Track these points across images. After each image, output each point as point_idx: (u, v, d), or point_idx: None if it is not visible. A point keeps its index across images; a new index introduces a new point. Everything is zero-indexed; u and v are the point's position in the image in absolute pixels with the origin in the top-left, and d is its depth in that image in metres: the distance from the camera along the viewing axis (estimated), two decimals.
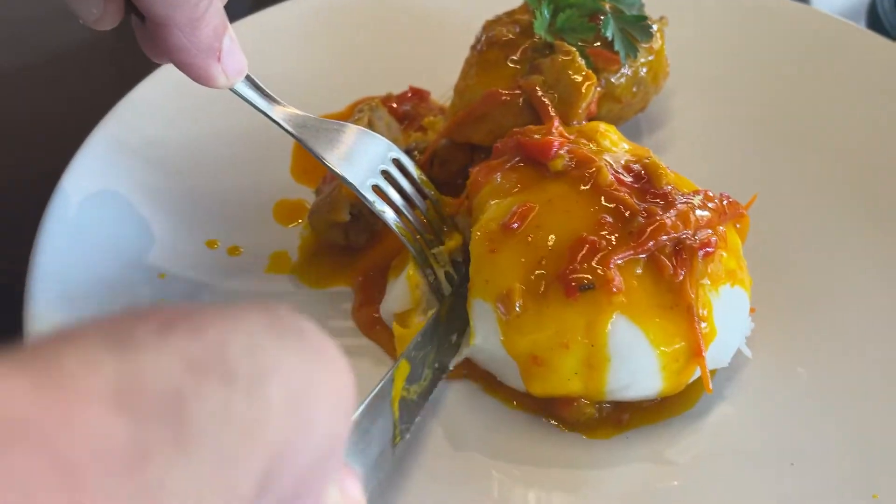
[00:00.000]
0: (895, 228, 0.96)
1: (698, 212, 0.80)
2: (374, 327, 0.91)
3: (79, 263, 0.91)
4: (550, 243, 0.77)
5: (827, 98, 1.11)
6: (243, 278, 0.96)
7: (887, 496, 0.74)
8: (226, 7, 0.77)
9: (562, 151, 0.82)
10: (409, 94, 1.17)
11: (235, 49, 0.76)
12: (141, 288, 0.92)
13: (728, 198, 0.84)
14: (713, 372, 0.82)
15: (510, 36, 1.01)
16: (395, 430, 0.72)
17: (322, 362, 0.37)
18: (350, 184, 0.86)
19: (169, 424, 0.30)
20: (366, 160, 0.87)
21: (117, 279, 0.91)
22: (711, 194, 0.83)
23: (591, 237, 0.76)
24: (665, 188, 0.81)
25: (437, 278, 0.90)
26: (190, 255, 0.96)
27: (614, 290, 0.74)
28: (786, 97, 1.12)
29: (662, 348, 0.75)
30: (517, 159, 0.86)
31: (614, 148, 0.87)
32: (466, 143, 1.00)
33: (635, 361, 0.76)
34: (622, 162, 0.85)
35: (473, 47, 1.05)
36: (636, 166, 0.85)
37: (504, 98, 0.96)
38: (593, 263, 0.74)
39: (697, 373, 0.79)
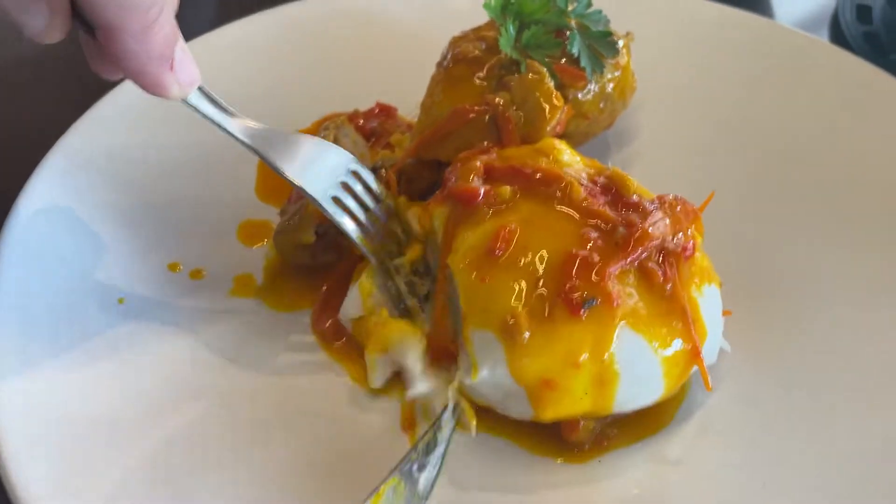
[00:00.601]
0: (852, 229, 1.00)
1: (671, 216, 0.81)
2: (331, 337, 0.90)
3: (36, 289, 0.88)
4: (542, 263, 0.76)
5: (791, 110, 1.14)
6: (206, 302, 0.92)
7: None
8: (190, 22, 0.76)
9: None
10: (377, 111, 1.15)
11: (188, 59, 0.75)
12: (100, 314, 0.88)
13: (685, 200, 0.85)
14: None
15: (476, 52, 1.00)
16: None
17: None
18: (310, 195, 0.85)
19: None
20: (325, 172, 0.87)
21: (75, 305, 0.88)
22: (671, 198, 0.84)
23: (581, 252, 0.76)
24: (633, 197, 0.82)
25: (398, 289, 0.89)
26: (151, 278, 0.93)
27: (616, 302, 0.74)
28: (751, 110, 1.15)
29: (665, 354, 0.76)
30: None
31: (572, 163, 0.87)
32: (434, 161, 0.99)
33: (642, 371, 0.76)
34: (585, 175, 0.85)
35: (440, 64, 1.03)
36: (600, 178, 0.85)
37: (471, 115, 0.95)
38: (591, 278, 0.75)
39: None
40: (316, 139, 0.89)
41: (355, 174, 0.90)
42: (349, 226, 0.87)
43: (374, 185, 0.91)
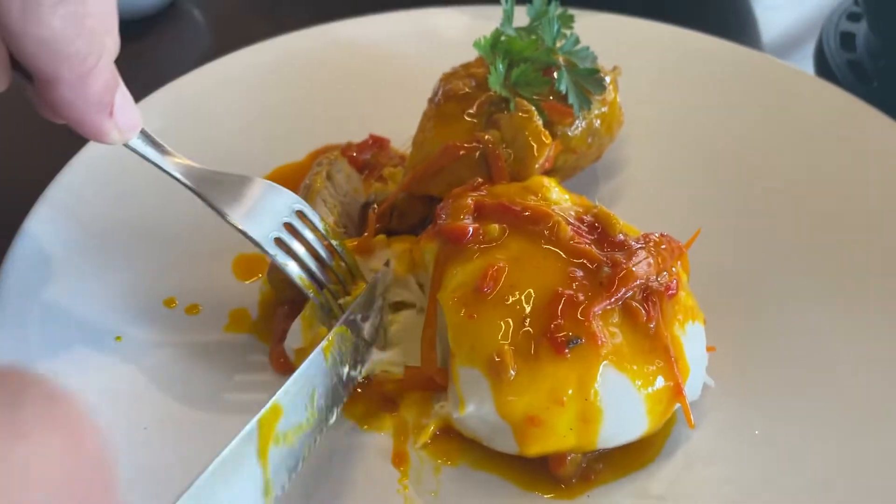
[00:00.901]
0: (838, 265, 1.01)
1: (655, 255, 0.82)
2: (287, 368, 0.91)
3: (33, 329, 0.89)
4: (529, 302, 0.77)
5: (777, 143, 1.16)
6: (202, 337, 0.94)
7: None
8: (184, 54, 0.76)
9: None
10: (370, 143, 1.17)
11: (128, 105, 0.75)
12: (97, 352, 0.89)
13: (670, 238, 0.87)
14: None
15: (466, 90, 1.03)
16: (266, 486, 0.68)
17: None
18: (251, 238, 0.86)
19: None
20: (269, 213, 0.88)
21: (72, 344, 0.89)
22: (656, 236, 0.85)
23: (567, 291, 0.77)
24: (619, 236, 0.84)
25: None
26: (147, 315, 0.94)
27: (600, 341, 0.75)
28: (737, 142, 1.17)
29: (648, 392, 0.78)
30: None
31: (560, 200, 0.89)
32: (425, 196, 1.01)
33: (625, 409, 0.78)
34: (572, 214, 0.87)
35: (431, 100, 1.06)
36: (587, 217, 0.87)
37: (461, 152, 0.97)
38: (576, 317, 0.76)
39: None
40: (261, 180, 0.89)
41: (300, 214, 0.90)
42: (292, 268, 0.88)
43: (319, 225, 0.92)
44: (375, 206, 1.02)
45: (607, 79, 1.04)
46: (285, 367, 0.91)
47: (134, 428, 0.84)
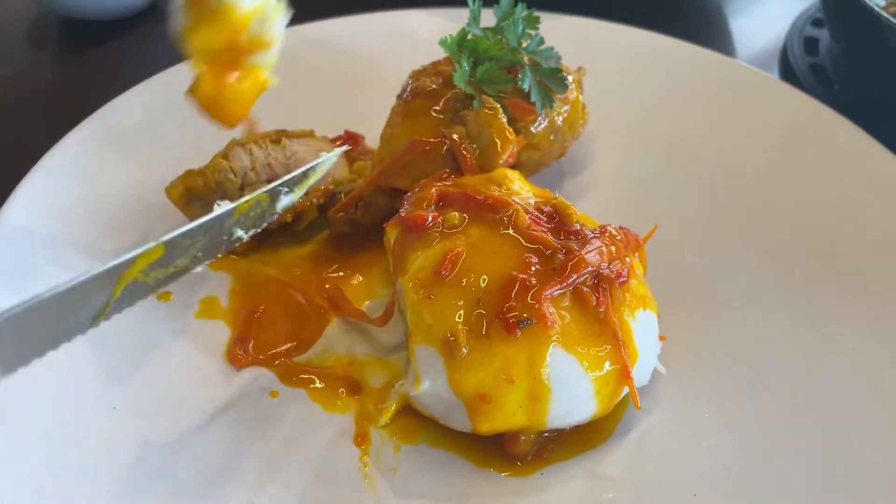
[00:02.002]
0: (789, 256, 1.05)
1: (609, 245, 0.86)
2: (242, 364, 0.94)
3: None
4: (484, 284, 0.81)
5: (736, 143, 1.20)
6: (173, 323, 0.96)
7: None
8: (163, 52, 0.78)
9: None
10: (345, 138, 1.20)
11: None
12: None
13: (627, 230, 0.90)
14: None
15: (434, 86, 1.06)
16: (104, 308, 0.74)
17: None
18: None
19: None
20: None
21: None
22: (613, 227, 0.89)
23: (521, 275, 0.80)
24: (575, 225, 0.87)
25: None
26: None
27: (549, 323, 0.78)
28: (702, 142, 1.21)
29: (595, 373, 0.80)
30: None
31: (522, 191, 0.92)
32: (393, 189, 1.04)
33: (573, 389, 0.80)
34: (532, 203, 0.90)
35: (400, 96, 1.09)
36: (546, 207, 0.90)
37: (427, 148, 1.00)
38: (527, 300, 0.79)
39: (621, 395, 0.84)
40: None
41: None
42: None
43: None
44: (342, 195, 1.05)
45: (570, 78, 1.07)
46: (241, 363, 0.94)
47: (103, 408, 0.87)
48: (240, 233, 0.90)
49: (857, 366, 0.92)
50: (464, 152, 0.98)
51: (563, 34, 1.15)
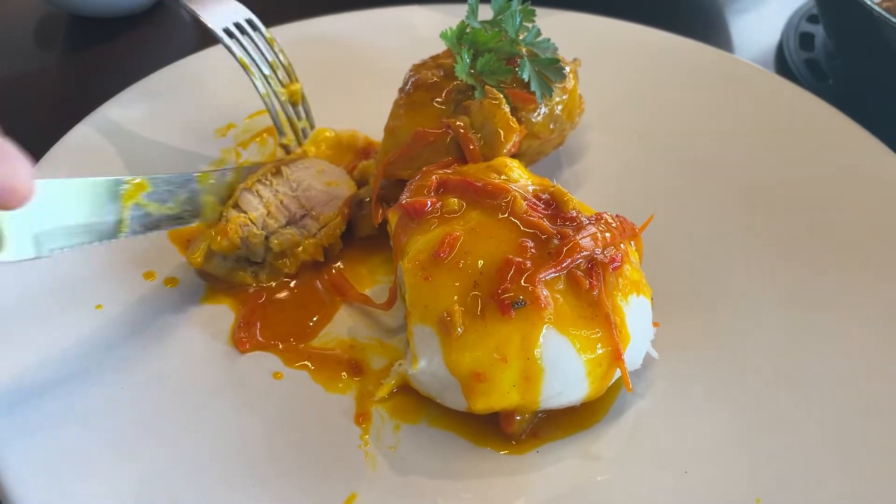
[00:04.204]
0: (782, 247, 1.07)
1: (603, 231, 0.87)
2: (245, 348, 0.97)
3: (15, 297, 0.95)
4: (480, 267, 0.83)
5: (736, 135, 1.22)
6: (179, 308, 0.99)
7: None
8: (171, 47, 0.81)
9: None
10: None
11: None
12: (78, 320, 0.95)
13: (623, 219, 0.92)
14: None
15: (435, 79, 1.08)
16: (120, 221, 0.90)
17: None
18: (206, 24, 1.12)
19: None
20: (224, 13, 1.15)
21: (55, 313, 0.94)
22: (609, 215, 0.91)
23: (517, 259, 0.82)
24: (571, 212, 0.89)
25: (274, 107, 1.16)
26: (127, 286, 0.99)
27: (543, 305, 0.80)
28: (699, 133, 1.23)
29: (588, 355, 0.82)
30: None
31: (521, 179, 0.95)
32: (400, 180, 1.06)
33: (566, 369, 0.82)
34: (530, 190, 0.93)
35: (402, 89, 1.11)
36: (544, 195, 0.92)
37: (432, 139, 1.02)
38: (522, 282, 0.81)
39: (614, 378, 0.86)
40: None
41: (249, 22, 1.16)
42: (235, 49, 1.13)
43: (264, 31, 1.18)
44: (367, 200, 1.08)
45: (567, 68, 1.10)
46: (245, 347, 0.96)
47: (111, 389, 0.89)
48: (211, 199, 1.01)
49: (846, 350, 0.94)
50: (469, 140, 1.00)
51: (558, 29, 1.18)
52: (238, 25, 1.16)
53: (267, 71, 1.17)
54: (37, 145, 1.18)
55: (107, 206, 0.88)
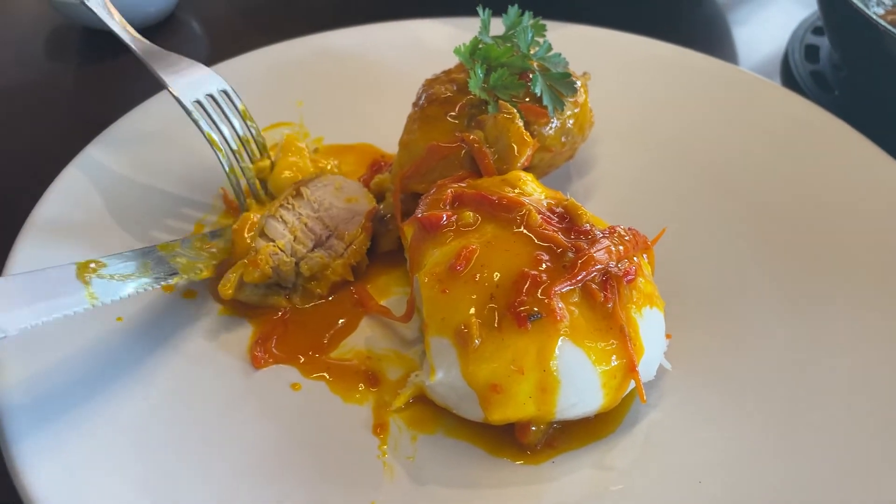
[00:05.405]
0: (791, 258, 1.08)
1: (617, 244, 0.89)
2: (261, 364, 0.98)
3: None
4: (496, 280, 0.84)
5: (743, 147, 1.24)
6: (198, 320, 1.01)
7: None
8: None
9: (453, 218, 0.90)
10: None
11: None
12: (100, 332, 0.96)
13: (636, 232, 0.94)
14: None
15: (448, 93, 1.10)
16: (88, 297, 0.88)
17: None
18: (174, 95, 1.08)
19: None
20: (197, 86, 1.11)
21: (76, 325, 0.93)
22: (622, 228, 0.92)
23: (532, 272, 0.84)
24: (585, 225, 0.91)
25: (239, 185, 1.12)
26: (147, 299, 1.01)
27: (559, 317, 0.82)
28: (706, 145, 1.25)
29: (603, 367, 0.84)
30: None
31: (535, 192, 0.96)
32: (415, 193, 1.07)
33: (581, 381, 0.84)
34: (544, 204, 0.94)
35: (415, 104, 1.13)
36: (558, 208, 0.94)
37: (446, 152, 1.04)
38: (538, 295, 0.82)
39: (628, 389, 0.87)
40: (193, 62, 1.13)
41: (224, 94, 1.13)
42: (203, 123, 1.09)
43: (238, 104, 1.14)
44: (388, 216, 1.10)
45: (578, 83, 1.11)
46: (260, 364, 0.97)
47: (135, 401, 0.91)
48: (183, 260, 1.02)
49: (861, 360, 0.95)
50: (484, 154, 1.02)
51: (566, 42, 1.20)
52: (210, 96, 1.11)
53: (235, 146, 1.12)
54: (51, 154, 1.20)
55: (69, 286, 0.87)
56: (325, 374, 0.96)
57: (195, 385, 0.94)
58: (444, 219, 0.90)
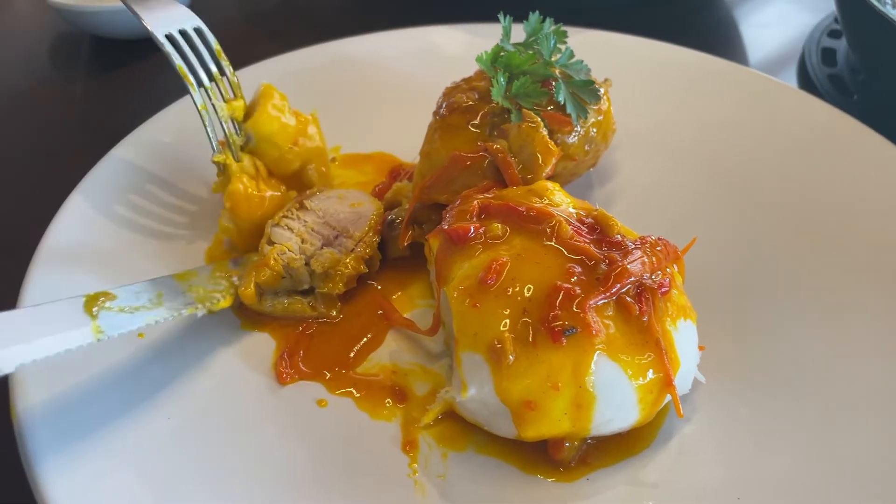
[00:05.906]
0: (819, 264, 1.06)
1: (650, 256, 0.87)
2: (286, 380, 0.96)
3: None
4: (528, 293, 0.82)
5: (764, 151, 1.22)
6: (219, 334, 0.99)
7: None
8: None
9: (481, 230, 0.89)
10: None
11: None
12: (121, 349, 0.94)
13: (667, 242, 0.92)
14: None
15: (470, 102, 1.08)
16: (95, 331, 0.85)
17: None
18: (146, 27, 1.05)
19: None
20: (172, 20, 1.08)
21: (98, 342, 0.93)
22: (653, 238, 0.90)
23: (565, 285, 0.82)
24: (617, 236, 0.89)
25: (212, 125, 1.08)
26: None
27: (594, 331, 0.80)
28: (727, 150, 1.23)
29: (639, 381, 0.82)
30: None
31: (562, 203, 0.94)
32: (436, 203, 1.06)
33: (618, 396, 0.82)
34: (574, 215, 0.92)
35: (436, 113, 1.11)
36: (587, 218, 0.92)
37: (469, 162, 1.02)
38: (573, 309, 0.80)
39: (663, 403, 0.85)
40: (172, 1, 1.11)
41: (198, 31, 1.09)
42: (174, 58, 1.06)
43: (213, 43, 1.10)
44: (398, 221, 1.08)
45: (601, 90, 1.10)
46: (285, 380, 0.95)
47: (157, 420, 0.89)
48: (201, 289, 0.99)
49: None
50: (509, 164, 1.00)
51: (583, 47, 1.18)
52: (183, 33, 1.08)
53: (208, 82, 1.09)
54: (60, 162, 1.19)
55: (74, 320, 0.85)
56: (351, 390, 0.94)
57: (218, 403, 0.92)
58: (472, 231, 0.89)
